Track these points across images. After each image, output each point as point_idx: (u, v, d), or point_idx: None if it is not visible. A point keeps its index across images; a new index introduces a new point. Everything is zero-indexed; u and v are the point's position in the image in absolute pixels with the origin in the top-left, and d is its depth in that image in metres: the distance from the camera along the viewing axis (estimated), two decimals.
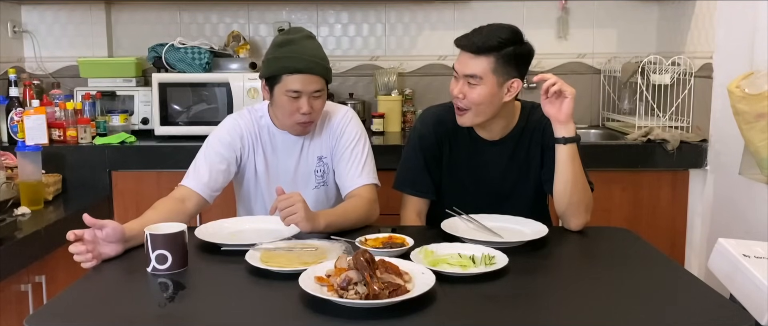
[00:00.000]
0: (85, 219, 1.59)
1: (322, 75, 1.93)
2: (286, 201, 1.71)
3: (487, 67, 1.83)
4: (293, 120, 1.95)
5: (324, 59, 1.96)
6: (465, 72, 1.86)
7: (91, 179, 2.84)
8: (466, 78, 1.86)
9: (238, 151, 2.02)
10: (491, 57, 1.83)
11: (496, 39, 1.83)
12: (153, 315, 1.32)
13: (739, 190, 2.53)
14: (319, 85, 1.93)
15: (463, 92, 1.87)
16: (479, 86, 1.85)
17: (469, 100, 1.87)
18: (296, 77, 1.89)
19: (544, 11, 3.41)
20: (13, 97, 2.97)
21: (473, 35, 1.86)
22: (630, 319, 1.33)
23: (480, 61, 1.84)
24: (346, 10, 3.45)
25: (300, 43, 1.93)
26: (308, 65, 1.90)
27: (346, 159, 2.03)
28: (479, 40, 1.83)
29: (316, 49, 1.96)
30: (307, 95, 1.91)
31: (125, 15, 3.45)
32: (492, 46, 1.83)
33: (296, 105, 1.92)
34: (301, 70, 1.89)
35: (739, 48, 2.53)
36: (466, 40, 1.86)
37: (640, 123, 3.00)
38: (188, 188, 1.94)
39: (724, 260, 1.51)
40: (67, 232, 1.57)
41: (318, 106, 1.95)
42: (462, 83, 1.87)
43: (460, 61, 1.88)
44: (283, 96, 1.92)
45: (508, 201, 2.01)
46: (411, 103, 3.37)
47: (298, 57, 1.90)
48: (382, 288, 1.31)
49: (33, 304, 2.19)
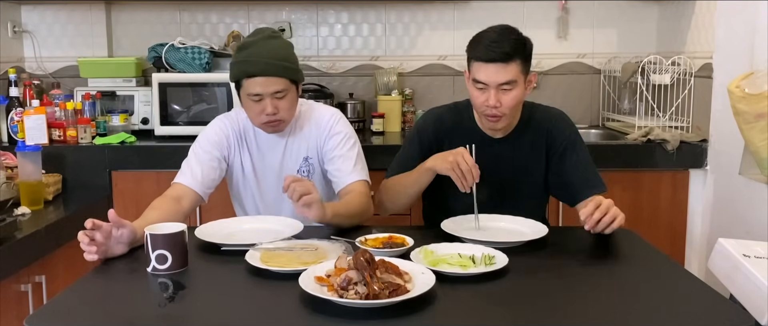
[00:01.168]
0: (110, 216, 1.60)
1: (281, 75, 1.92)
2: (301, 185, 1.73)
3: (517, 70, 1.86)
4: (259, 121, 1.96)
5: (286, 59, 1.95)
6: (500, 81, 1.85)
7: (91, 179, 2.84)
8: (500, 86, 1.86)
9: (225, 150, 2.05)
10: (518, 60, 1.86)
11: (514, 41, 1.85)
12: (153, 315, 1.32)
13: (739, 190, 2.53)
14: (280, 85, 1.92)
15: (499, 100, 1.87)
16: (513, 91, 1.87)
17: (506, 106, 1.88)
18: (254, 81, 1.90)
19: (544, 11, 3.41)
20: (13, 97, 2.97)
21: (493, 45, 1.84)
22: (630, 319, 1.33)
23: (511, 67, 1.85)
24: (346, 10, 3.45)
25: (258, 45, 1.94)
26: (264, 68, 1.90)
27: (339, 157, 2.04)
28: (505, 47, 1.84)
29: (276, 48, 1.95)
30: (269, 97, 1.91)
31: (125, 15, 3.45)
32: (517, 49, 1.85)
33: (260, 107, 1.93)
34: (259, 73, 1.90)
35: (739, 48, 2.53)
36: (492, 52, 1.84)
37: (640, 123, 3.00)
38: (183, 186, 1.96)
39: (724, 260, 1.51)
40: (87, 219, 1.57)
41: (284, 106, 1.95)
42: (495, 92, 1.87)
43: (490, 72, 1.86)
44: (247, 99, 1.94)
45: (509, 198, 2.01)
46: (411, 103, 3.37)
47: (255, 60, 1.90)
48: (382, 288, 1.31)
49: (33, 304, 2.19)
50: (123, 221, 1.62)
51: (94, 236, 1.58)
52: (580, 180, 1.99)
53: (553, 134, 2.00)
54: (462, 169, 1.81)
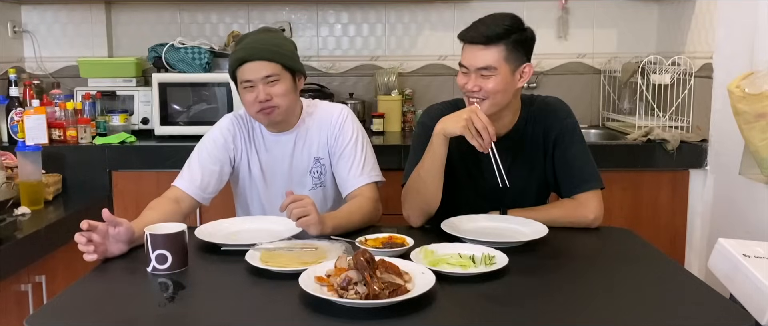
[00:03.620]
0: (104, 214, 1.60)
1: (271, 59, 1.90)
2: (299, 204, 1.71)
3: (498, 56, 1.81)
4: (254, 110, 1.94)
5: (277, 45, 1.94)
6: (477, 64, 1.81)
7: (91, 179, 2.84)
8: (478, 71, 1.82)
9: (231, 152, 2.03)
10: (501, 45, 1.80)
11: (502, 26, 1.81)
12: (153, 315, 1.32)
13: (739, 190, 2.53)
14: (270, 69, 1.91)
15: (478, 85, 1.82)
16: (494, 76, 1.81)
17: (486, 90, 1.82)
18: (244, 67, 1.91)
19: (544, 11, 3.41)
20: (13, 97, 2.97)
21: (479, 26, 1.82)
22: (630, 319, 1.33)
23: (491, 51, 1.80)
24: (346, 10, 3.45)
25: (252, 36, 1.95)
26: (253, 53, 1.90)
27: (346, 158, 2.02)
28: (486, 30, 1.80)
29: (269, 38, 1.95)
30: (260, 83, 1.90)
31: (125, 15, 3.45)
32: (500, 34, 1.80)
33: (253, 94, 1.92)
34: (247, 58, 1.90)
35: (739, 48, 2.53)
36: (473, 32, 1.82)
37: (640, 123, 3.00)
38: (181, 190, 1.95)
39: (724, 260, 1.51)
40: (82, 221, 1.57)
41: (277, 91, 1.92)
42: (474, 77, 1.82)
43: (469, 54, 1.83)
44: (242, 90, 1.94)
45: (511, 195, 1.99)
46: (411, 103, 3.37)
47: (246, 47, 1.91)
48: (382, 288, 1.31)
49: (33, 304, 2.19)
50: (118, 219, 1.62)
51: (91, 237, 1.57)
52: (567, 177, 1.95)
53: (547, 127, 1.95)
54: (477, 127, 1.74)
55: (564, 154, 1.96)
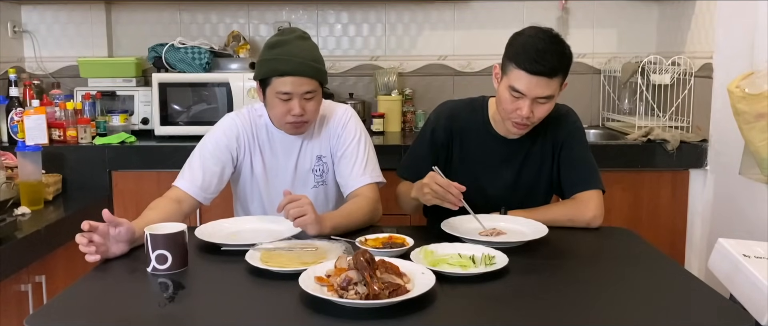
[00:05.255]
0: (105, 215, 1.59)
1: (313, 76, 1.90)
2: (296, 205, 1.71)
3: (557, 84, 1.84)
4: (285, 121, 1.94)
5: (316, 60, 1.93)
6: (540, 95, 1.82)
7: (91, 179, 2.84)
8: (536, 98, 1.83)
9: (234, 152, 2.02)
10: (562, 75, 1.83)
11: (567, 57, 1.84)
12: (153, 315, 1.32)
13: (739, 190, 2.53)
14: (311, 86, 1.90)
15: (532, 111, 1.84)
16: (548, 103, 1.85)
17: (538, 116, 1.86)
18: (286, 79, 1.88)
19: (544, 11, 3.41)
20: (13, 97, 2.97)
21: (546, 59, 1.79)
22: (630, 319, 1.33)
23: (555, 81, 1.82)
24: (346, 10, 3.45)
25: (291, 44, 1.91)
26: (297, 67, 1.88)
27: (348, 158, 2.02)
28: (556, 63, 1.80)
29: (309, 50, 1.93)
30: (298, 97, 1.89)
31: (125, 15, 3.45)
32: (564, 65, 1.83)
33: (287, 106, 1.90)
34: (291, 73, 1.88)
35: (739, 48, 2.53)
36: (541, 66, 1.79)
37: (640, 123, 3.00)
38: (182, 191, 1.94)
39: (724, 260, 1.51)
40: (83, 222, 1.57)
41: (311, 107, 1.93)
42: (530, 103, 1.83)
43: (532, 84, 1.81)
44: (274, 98, 1.91)
45: (521, 198, 2.01)
46: (411, 103, 3.37)
47: (288, 59, 1.88)
48: (382, 288, 1.31)
49: (33, 304, 2.19)
50: (118, 219, 1.62)
51: (92, 237, 1.57)
52: (570, 176, 1.98)
53: (555, 132, 1.99)
54: (439, 194, 1.77)
55: (568, 155, 2.00)
